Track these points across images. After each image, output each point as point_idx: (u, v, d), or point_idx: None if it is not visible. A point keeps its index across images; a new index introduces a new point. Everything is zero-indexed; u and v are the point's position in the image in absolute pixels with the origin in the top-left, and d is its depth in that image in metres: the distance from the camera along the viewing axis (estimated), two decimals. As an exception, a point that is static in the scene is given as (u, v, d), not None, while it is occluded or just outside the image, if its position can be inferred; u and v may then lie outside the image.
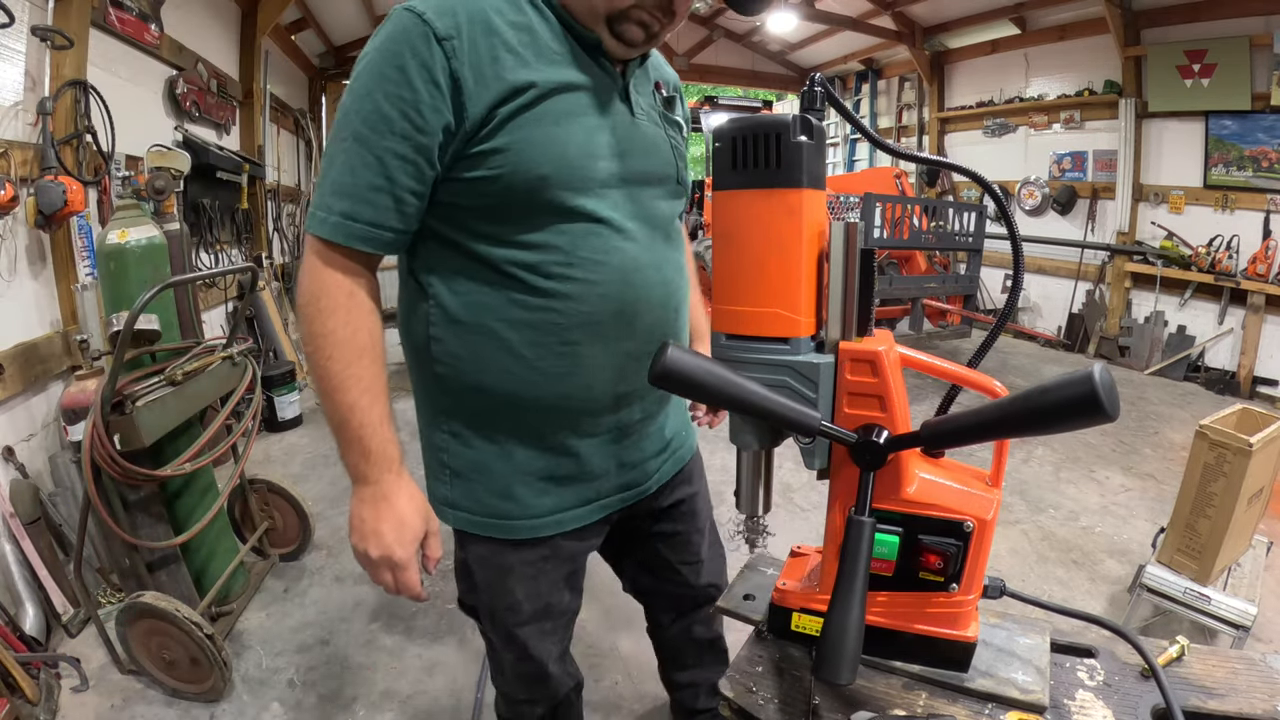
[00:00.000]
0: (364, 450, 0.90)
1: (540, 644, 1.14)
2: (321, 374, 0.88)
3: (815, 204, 0.67)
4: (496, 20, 0.84)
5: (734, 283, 0.69)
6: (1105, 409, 0.50)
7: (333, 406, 0.89)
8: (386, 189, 0.84)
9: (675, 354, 0.62)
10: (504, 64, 0.84)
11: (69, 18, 2.67)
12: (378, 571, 0.92)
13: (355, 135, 0.83)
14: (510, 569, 1.06)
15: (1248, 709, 0.69)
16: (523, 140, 0.85)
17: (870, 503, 0.64)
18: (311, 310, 0.87)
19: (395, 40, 0.81)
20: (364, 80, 0.83)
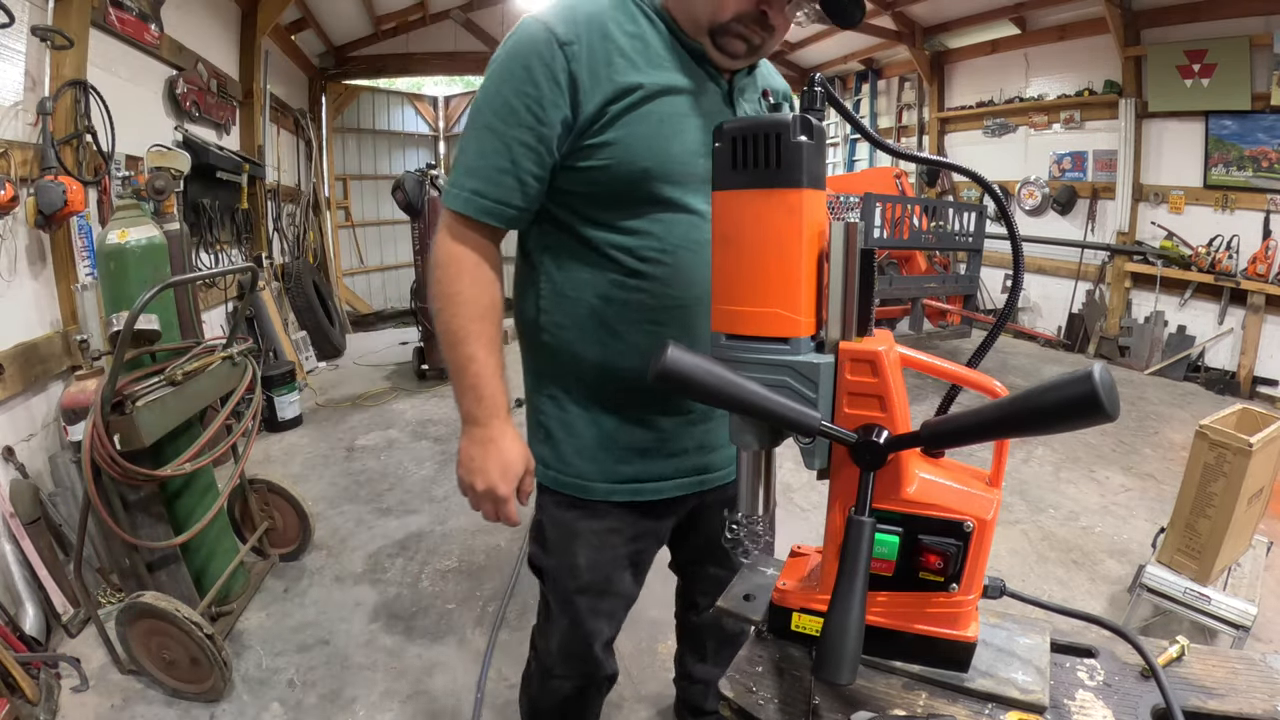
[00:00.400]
0: (478, 396, 1.01)
1: (593, 620, 1.21)
2: (446, 328, 1.00)
3: (815, 204, 0.67)
4: (612, 29, 0.95)
5: (734, 283, 0.69)
6: (1105, 409, 0.50)
7: (454, 357, 1.00)
8: (511, 171, 0.96)
9: (675, 354, 0.62)
10: (616, 67, 0.94)
11: (69, 18, 2.67)
12: (480, 502, 1.05)
13: (486, 125, 0.95)
14: (578, 534, 1.14)
15: (1248, 709, 0.69)
16: (629, 135, 0.95)
17: (870, 503, 0.64)
18: (442, 273, 0.99)
19: (522, 44, 0.93)
20: (495, 79, 0.95)
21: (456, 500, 3.25)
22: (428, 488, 3.39)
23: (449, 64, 7.55)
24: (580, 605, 1.19)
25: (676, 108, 0.96)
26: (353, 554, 2.78)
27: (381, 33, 6.94)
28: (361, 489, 3.38)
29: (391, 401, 4.74)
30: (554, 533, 1.17)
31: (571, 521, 1.14)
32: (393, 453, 3.84)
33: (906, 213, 4.69)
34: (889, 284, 4.85)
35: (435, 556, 2.76)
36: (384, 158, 7.92)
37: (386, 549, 2.82)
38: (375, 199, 7.78)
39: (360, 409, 4.59)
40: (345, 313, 6.99)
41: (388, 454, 3.82)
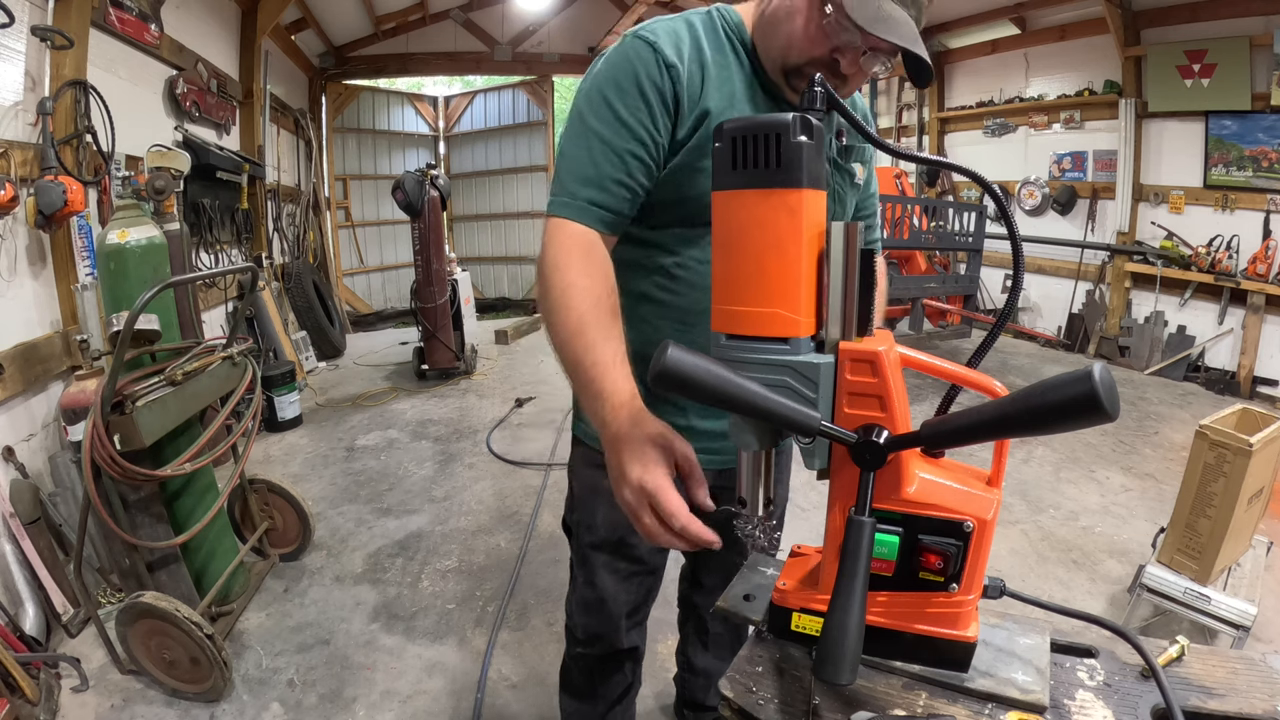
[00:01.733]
0: (598, 392, 0.87)
1: (608, 578, 1.25)
2: (561, 323, 0.91)
3: (815, 204, 0.67)
4: (706, 57, 0.99)
5: (734, 283, 0.69)
6: (1105, 409, 0.50)
7: (570, 353, 0.90)
8: (626, 183, 0.98)
9: (675, 354, 0.62)
10: (706, 95, 0.98)
11: (69, 18, 2.67)
12: (640, 516, 0.79)
13: (599, 136, 0.97)
14: (599, 491, 1.17)
15: (1248, 709, 0.69)
16: (699, 164, 0.99)
17: (870, 503, 0.64)
18: (551, 270, 0.94)
19: (632, 61, 0.96)
20: (602, 92, 0.97)
21: (456, 500, 3.25)
22: (428, 488, 3.39)
23: (449, 64, 7.56)
24: (596, 561, 1.24)
25: None
26: (353, 554, 2.78)
27: (381, 33, 6.94)
28: (361, 489, 3.38)
29: (391, 401, 4.74)
30: (580, 488, 1.24)
31: (596, 479, 1.18)
32: (393, 453, 3.84)
33: (906, 213, 4.69)
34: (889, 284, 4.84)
35: (435, 556, 2.76)
36: (384, 158, 7.93)
37: (386, 549, 2.82)
38: (375, 199, 7.79)
39: (360, 409, 4.59)
40: (345, 313, 6.99)
41: (388, 454, 3.82)
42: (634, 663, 1.39)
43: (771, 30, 0.97)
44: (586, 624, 1.32)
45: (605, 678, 1.37)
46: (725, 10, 1.06)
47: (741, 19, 1.04)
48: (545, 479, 3.46)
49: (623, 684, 1.39)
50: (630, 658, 1.38)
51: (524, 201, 8.18)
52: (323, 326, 5.78)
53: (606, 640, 1.31)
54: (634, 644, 1.35)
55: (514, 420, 4.37)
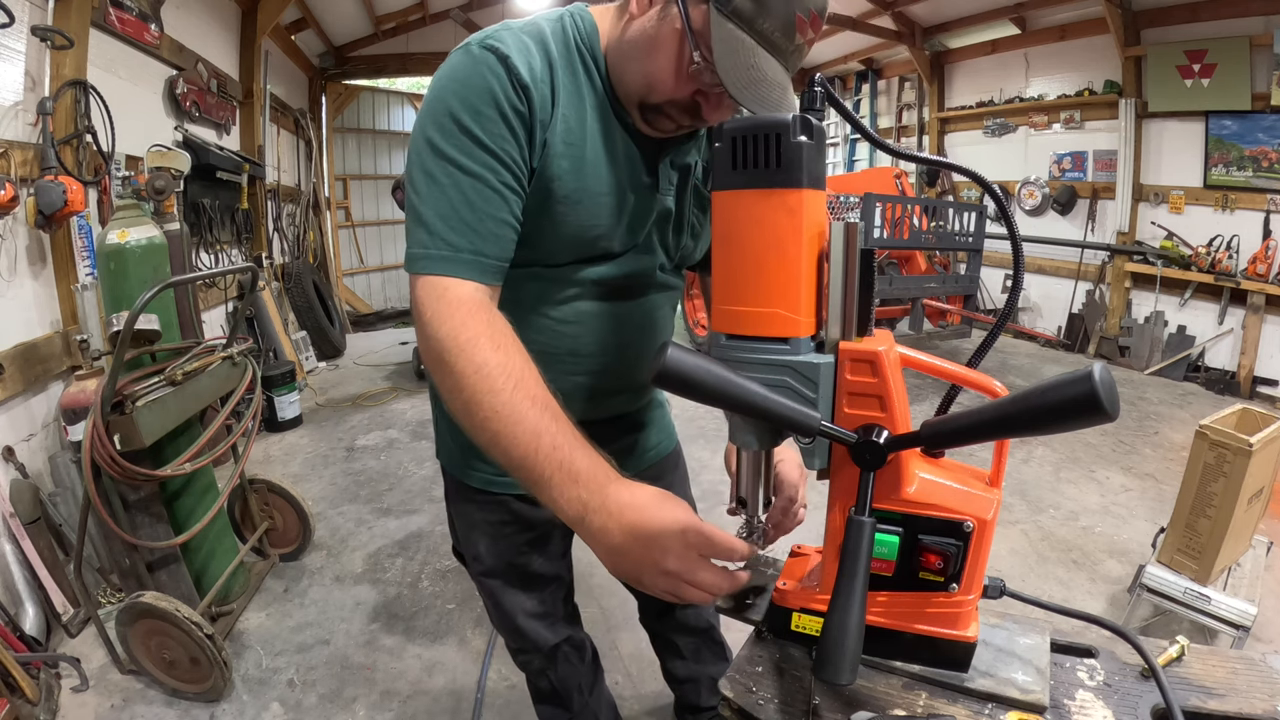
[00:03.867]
0: (572, 474, 0.72)
1: (508, 596, 1.21)
2: (488, 414, 0.74)
3: (815, 204, 0.67)
4: (557, 79, 0.86)
5: (734, 283, 0.69)
6: (1105, 409, 0.50)
7: (512, 444, 0.74)
8: (510, 222, 0.84)
9: (675, 354, 0.62)
10: (554, 129, 0.85)
11: (69, 18, 2.67)
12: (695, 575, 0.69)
13: (464, 169, 0.80)
14: (475, 524, 1.15)
15: (1248, 709, 0.69)
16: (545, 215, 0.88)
17: (870, 503, 0.64)
18: (453, 352, 0.77)
19: (485, 77, 0.80)
20: (455, 116, 0.80)
21: (456, 500, 3.25)
22: (428, 488, 3.39)
23: (449, 64, 7.54)
24: (492, 586, 1.21)
25: (600, 183, 0.90)
26: (353, 554, 2.78)
27: (381, 33, 6.93)
28: (361, 489, 3.38)
29: (391, 401, 4.74)
30: (459, 520, 1.20)
31: (469, 511, 1.15)
32: (393, 453, 3.84)
33: (906, 213, 4.69)
34: (889, 284, 4.85)
35: (435, 556, 2.76)
36: (384, 158, 7.93)
37: (386, 549, 2.82)
38: (375, 199, 7.79)
39: (360, 409, 4.59)
40: (345, 313, 6.99)
41: (388, 454, 3.82)
42: (576, 649, 1.35)
43: (630, 60, 0.87)
44: (511, 637, 1.29)
45: (557, 675, 1.35)
46: (580, 15, 0.92)
47: (595, 27, 0.91)
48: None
49: (576, 674, 1.36)
50: (569, 646, 1.33)
51: (524, 201, 8.17)
52: (323, 326, 5.78)
53: (537, 646, 1.28)
54: (565, 635, 1.31)
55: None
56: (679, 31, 0.80)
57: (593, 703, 1.41)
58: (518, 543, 1.16)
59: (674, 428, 1.36)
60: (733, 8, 0.75)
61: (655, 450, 1.27)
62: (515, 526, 1.14)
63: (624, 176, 0.92)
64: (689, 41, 0.79)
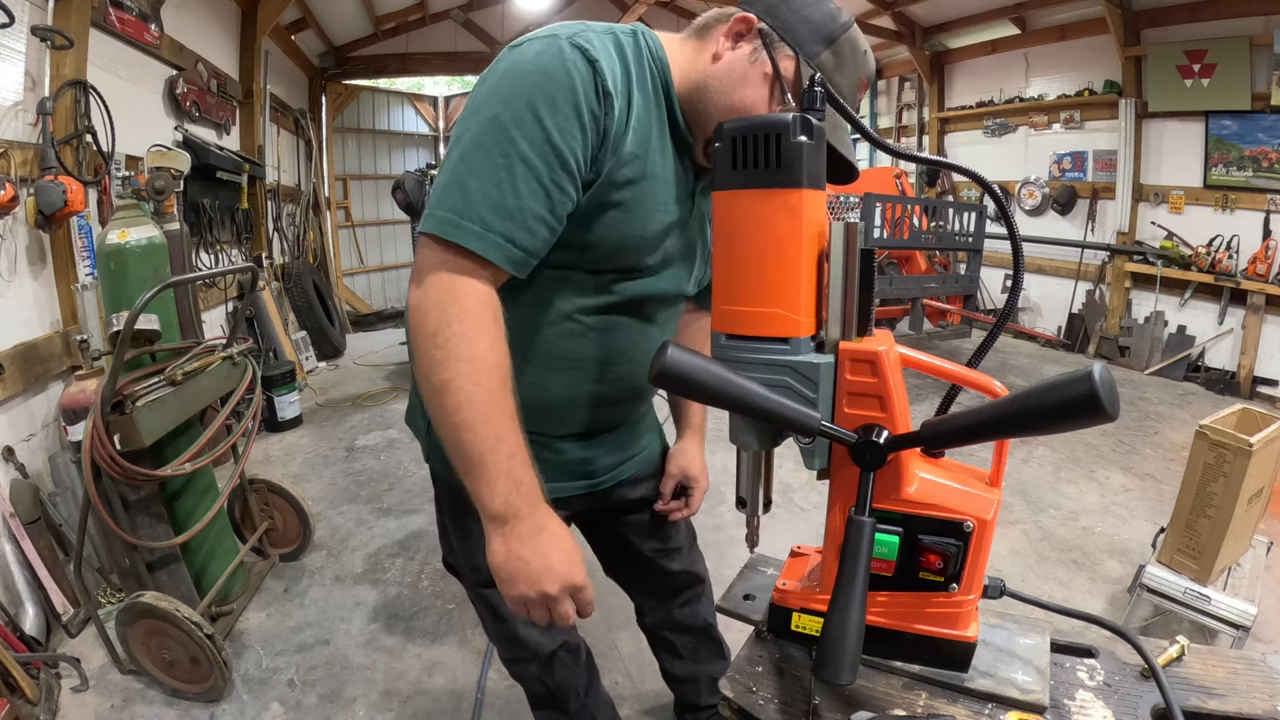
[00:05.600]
0: (515, 482, 0.80)
1: (504, 605, 1.16)
2: (462, 403, 0.77)
3: (815, 204, 0.67)
4: (634, 93, 0.87)
5: (734, 283, 0.69)
6: (1105, 409, 0.50)
7: (474, 439, 0.78)
8: (549, 222, 0.83)
9: (675, 354, 0.62)
10: (626, 139, 0.86)
11: (69, 18, 2.67)
12: (558, 607, 0.82)
13: (524, 158, 0.79)
14: (471, 534, 1.10)
15: (1248, 709, 0.69)
16: (600, 218, 0.89)
17: (870, 503, 0.64)
18: (454, 331, 0.77)
19: (571, 76, 0.79)
20: (532, 104, 0.78)
21: (456, 500, 3.25)
22: (428, 488, 3.36)
23: (449, 64, 7.55)
24: (491, 597, 1.18)
25: (655, 196, 0.92)
26: (353, 554, 2.78)
27: (381, 33, 6.94)
28: (361, 489, 3.38)
29: (391, 401, 4.74)
30: (453, 532, 1.17)
31: (465, 521, 1.11)
32: (393, 453, 3.84)
33: (906, 213, 4.69)
34: (889, 284, 4.85)
35: (435, 556, 2.76)
36: (384, 158, 7.93)
37: (386, 549, 2.82)
38: (375, 199, 7.79)
39: (360, 409, 4.59)
40: (345, 313, 6.99)
41: (388, 454, 3.82)
42: (572, 653, 1.35)
43: (716, 92, 0.89)
44: (508, 646, 1.28)
45: (554, 680, 1.34)
46: (649, 37, 0.93)
47: (664, 51, 0.93)
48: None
49: (573, 678, 1.36)
50: (565, 651, 1.33)
51: (524, 201, 8.17)
52: (323, 326, 5.78)
53: (535, 654, 1.28)
54: (561, 641, 1.31)
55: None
56: (768, 75, 0.87)
57: (589, 703, 1.40)
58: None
59: (660, 427, 1.38)
60: (818, 62, 0.85)
61: (649, 450, 1.30)
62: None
63: (672, 198, 0.95)
64: (778, 84, 0.86)
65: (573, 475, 1.14)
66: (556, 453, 1.10)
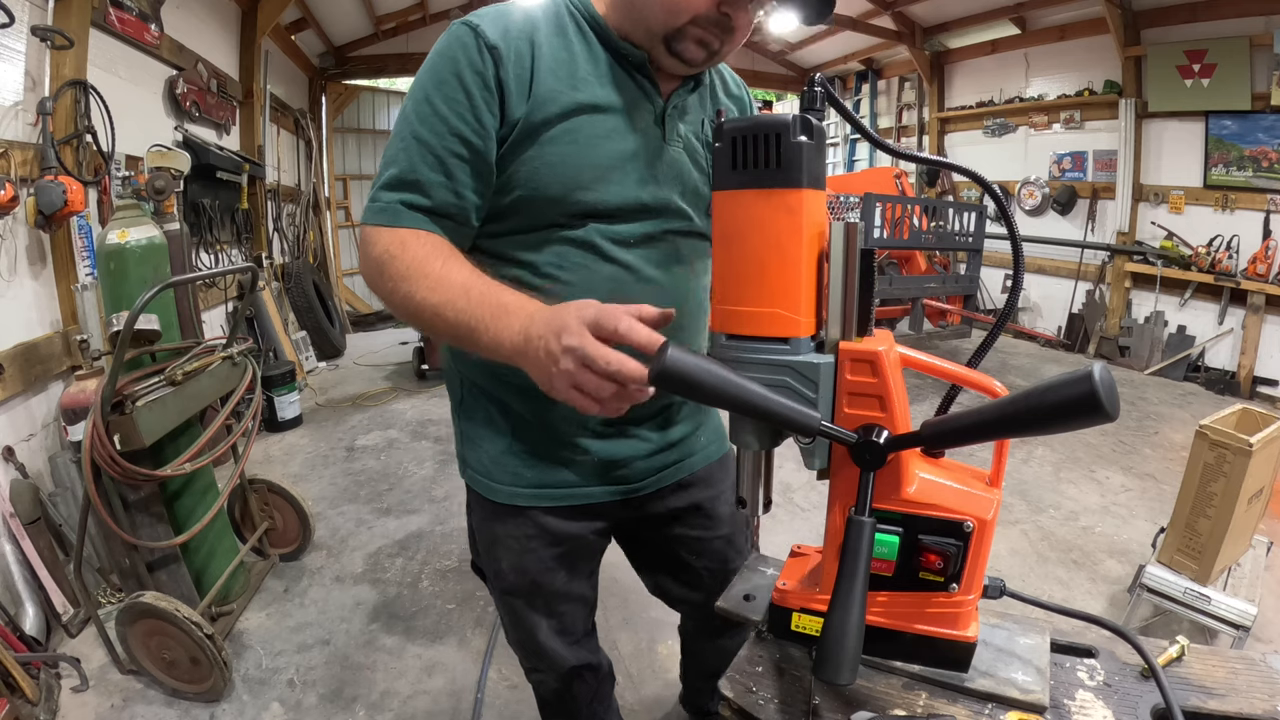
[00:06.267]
0: (503, 308, 0.78)
1: (529, 614, 1.18)
2: (425, 293, 0.82)
3: (815, 204, 0.67)
4: (539, 37, 0.89)
5: (734, 283, 0.69)
6: (1105, 409, 0.50)
7: (448, 307, 0.81)
8: (448, 186, 0.88)
9: (675, 354, 0.62)
10: (539, 80, 0.88)
11: (69, 18, 2.67)
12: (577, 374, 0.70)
13: (415, 135, 0.87)
14: (498, 538, 1.11)
15: (1248, 709, 0.69)
16: (538, 158, 0.88)
17: (870, 503, 0.64)
18: (391, 255, 0.85)
19: (451, 48, 0.87)
20: (423, 85, 0.88)
21: (457, 500, 3.25)
22: (428, 488, 3.39)
23: (449, 64, 7.54)
24: (514, 605, 1.18)
25: (596, 128, 0.90)
26: (353, 554, 2.78)
27: (381, 33, 6.93)
28: (361, 489, 3.38)
29: (391, 401, 4.74)
30: (480, 536, 1.17)
31: (492, 526, 1.11)
32: (393, 453, 3.84)
33: (906, 213, 4.69)
34: (889, 284, 4.85)
35: (435, 556, 2.76)
36: (384, 158, 7.92)
37: (386, 549, 2.82)
38: (375, 199, 7.78)
39: (360, 409, 4.59)
40: (345, 313, 6.99)
41: (388, 454, 3.82)
42: (593, 671, 1.32)
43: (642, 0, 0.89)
44: (528, 654, 1.26)
45: (569, 695, 1.32)
46: None
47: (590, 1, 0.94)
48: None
49: (588, 692, 1.34)
50: (588, 670, 1.30)
51: (524, 201, 8.17)
52: (323, 326, 5.78)
53: (554, 667, 1.25)
54: (584, 660, 1.28)
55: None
56: None
57: (600, 710, 1.39)
58: (544, 558, 1.11)
59: (725, 432, 1.24)
60: None
61: (704, 453, 1.20)
62: (541, 541, 1.09)
63: (624, 126, 0.92)
64: None
65: (603, 479, 1.07)
66: (582, 451, 1.04)
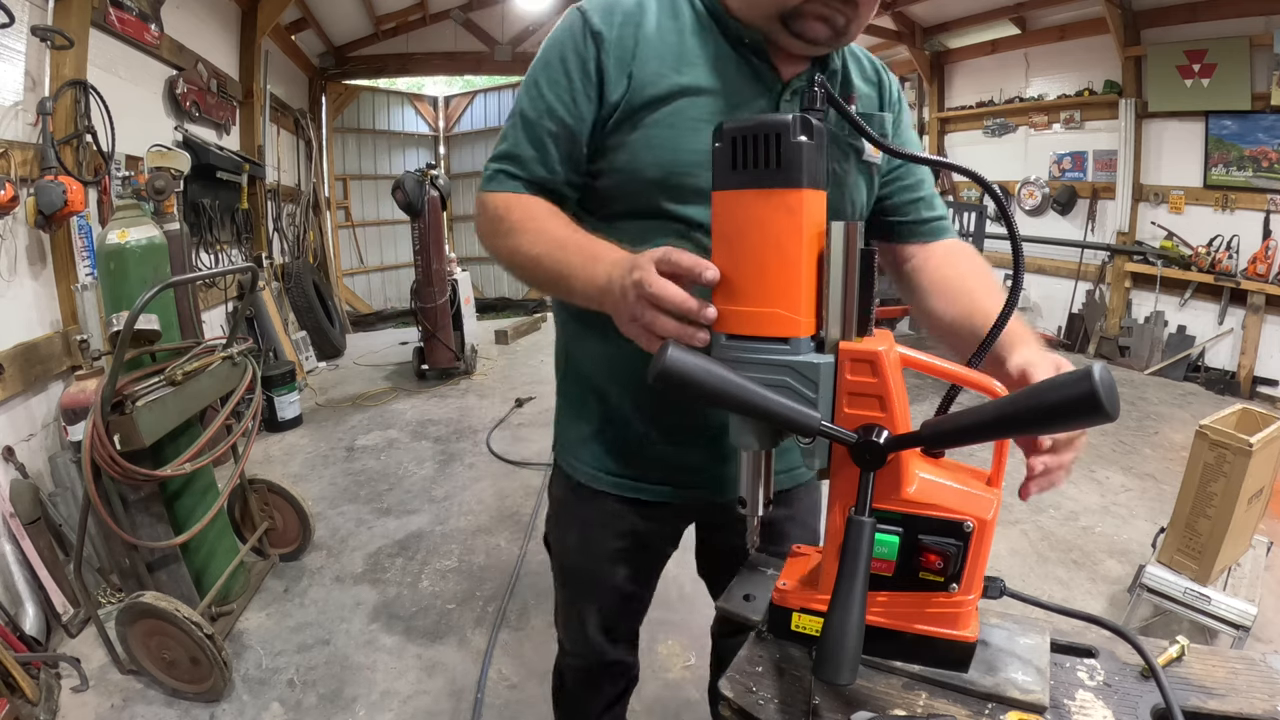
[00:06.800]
0: (594, 256, 0.81)
1: (582, 598, 1.22)
2: (531, 241, 0.89)
3: (815, 204, 0.67)
4: (647, 20, 0.90)
5: (734, 283, 0.69)
6: (1105, 408, 0.50)
7: (547, 255, 0.86)
8: (541, 160, 0.94)
9: (675, 354, 0.62)
10: (641, 61, 0.89)
11: (69, 18, 2.67)
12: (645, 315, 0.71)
13: (520, 112, 0.95)
14: (572, 516, 1.17)
15: (1248, 709, 0.69)
16: (638, 141, 0.89)
17: (870, 503, 0.64)
18: (489, 226, 0.95)
19: (561, 32, 0.92)
20: (534, 66, 0.95)
21: (456, 500, 3.25)
22: (428, 488, 3.39)
23: (449, 64, 7.55)
24: (571, 584, 1.23)
25: (698, 111, 0.88)
26: (353, 554, 2.78)
27: (381, 33, 6.94)
28: (361, 489, 3.38)
29: (391, 401, 4.74)
30: (555, 509, 1.22)
31: (569, 502, 1.16)
32: (393, 453, 3.84)
33: (906, 213, 4.68)
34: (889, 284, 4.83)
35: (435, 556, 2.76)
36: (384, 158, 7.93)
37: (386, 549, 2.82)
38: (375, 199, 7.79)
39: (360, 409, 4.59)
40: (345, 313, 6.99)
41: (388, 454, 3.82)
42: (622, 674, 1.35)
43: None
44: (569, 637, 1.29)
45: (594, 687, 1.34)
46: None
47: None
48: (545, 479, 3.46)
49: (612, 693, 1.36)
50: (619, 669, 1.33)
51: (524, 201, 8.18)
52: (323, 326, 5.78)
53: (592, 653, 1.27)
54: (620, 658, 1.30)
55: (514, 420, 4.37)
56: None
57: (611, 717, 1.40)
58: (609, 548, 1.14)
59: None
60: None
61: (791, 474, 1.14)
62: (610, 530, 1.12)
63: (729, 109, 0.89)
64: None
65: (677, 481, 1.07)
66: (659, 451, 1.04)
